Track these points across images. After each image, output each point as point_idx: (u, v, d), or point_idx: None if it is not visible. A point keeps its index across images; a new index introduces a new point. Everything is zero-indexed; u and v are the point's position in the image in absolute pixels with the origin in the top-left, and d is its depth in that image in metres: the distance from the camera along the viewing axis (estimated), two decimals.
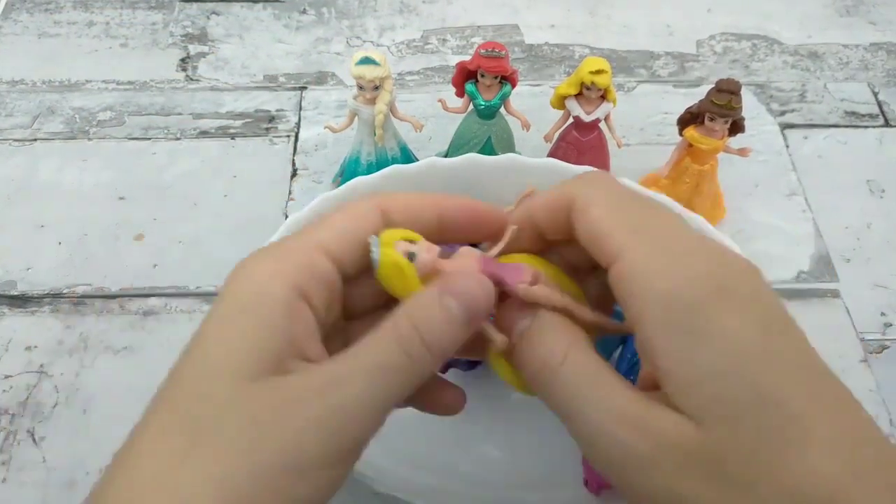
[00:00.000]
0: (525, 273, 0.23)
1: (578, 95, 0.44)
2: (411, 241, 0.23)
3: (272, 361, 0.19)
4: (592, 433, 0.20)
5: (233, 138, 0.53)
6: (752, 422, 0.19)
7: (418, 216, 0.23)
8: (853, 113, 0.55)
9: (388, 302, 0.23)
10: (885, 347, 0.43)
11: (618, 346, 0.39)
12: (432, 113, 0.48)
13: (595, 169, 0.25)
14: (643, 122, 0.54)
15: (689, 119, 0.44)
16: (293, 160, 0.52)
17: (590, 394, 0.20)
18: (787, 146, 0.53)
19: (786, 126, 0.54)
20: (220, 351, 0.19)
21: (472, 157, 0.42)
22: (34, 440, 0.39)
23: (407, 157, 0.48)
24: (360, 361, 0.20)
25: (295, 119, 0.54)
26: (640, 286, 0.20)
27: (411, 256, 0.22)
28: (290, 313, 0.20)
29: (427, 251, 0.22)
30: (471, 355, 0.24)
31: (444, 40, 0.60)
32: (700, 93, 0.46)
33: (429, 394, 0.24)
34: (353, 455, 0.20)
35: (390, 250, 0.22)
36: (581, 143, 0.46)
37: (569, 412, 0.21)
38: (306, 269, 0.20)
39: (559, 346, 0.21)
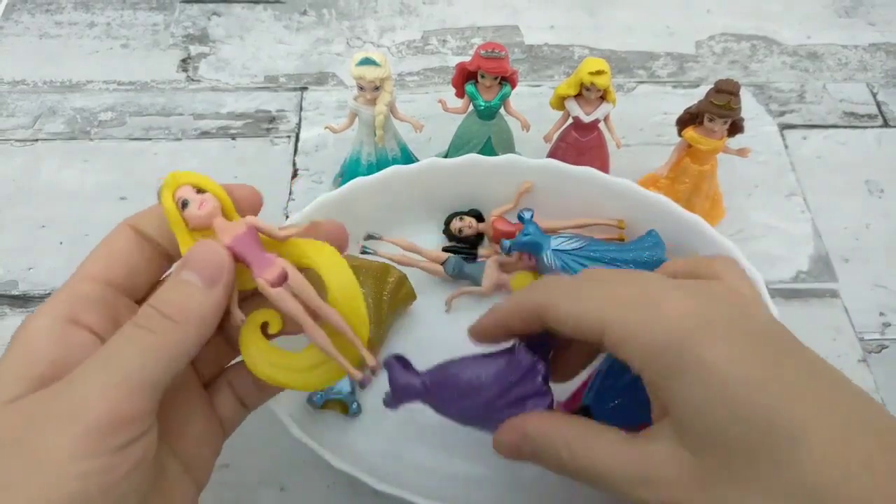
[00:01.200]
0: (271, 268, 0.23)
1: (578, 96, 0.44)
2: (199, 190, 0.23)
3: (32, 382, 0.21)
4: (604, 485, 0.25)
5: (233, 139, 0.53)
6: (742, 448, 0.21)
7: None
8: (852, 113, 0.56)
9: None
10: (883, 347, 0.44)
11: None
12: (432, 113, 0.48)
13: (542, 278, 0.29)
14: (642, 122, 0.54)
15: (689, 119, 0.44)
16: (294, 160, 0.52)
17: (593, 460, 0.25)
18: (787, 146, 0.53)
19: (785, 126, 0.55)
20: None
21: (472, 157, 0.43)
22: None
23: (407, 157, 0.48)
24: (99, 352, 0.21)
25: (295, 119, 0.54)
26: (629, 346, 0.24)
27: (184, 204, 0.23)
28: (54, 339, 0.21)
29: (201, 206, 0.23)
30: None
31: (444, 41, 0.60)
32: (699, 93, 0.46)
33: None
34: (121, 436, 0.20)
35: (167, 193, 0.23)
36: (580, 143, 0.46)
37: (586, 480, 0.25)
38: (75, 298, 0.22)
39: (560, 447, 0.26)
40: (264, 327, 0.25)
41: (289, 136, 0.53)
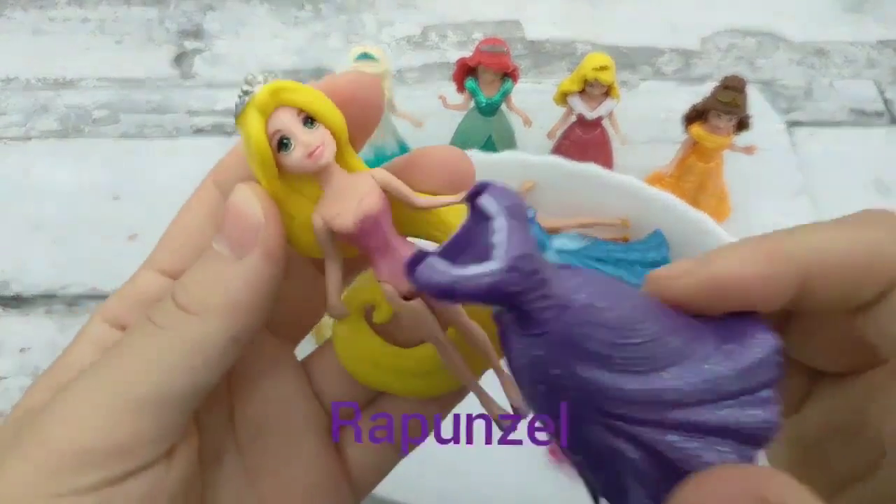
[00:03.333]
0: (397, 270, 0.15)
1: (581, 92, 0.43)
2: (308, 118, 0.15)
3: (52, 392, 0.17)
4: None
5: (229, 136, 0.52)
6: None
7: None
8: (860, 111, 0.55)
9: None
10: None
11: None
12: (432, 110, 0.47)
13: (887, 212, 0.16)
14: (647, 119, 0.53)
15: (695, 116, 0.43)
16: None
17: None
18: (793, 144, 0.52)
19: (792, 124, 0.54)
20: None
21: (473, 154, 0.42)
22: None
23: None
24: (98, 359, 0.16)
25: None
26: None
27: (283, 144, 0.15)
28: (96, 345, 0.18)
29: (312, 155, 0.15)
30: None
31: (444, 36, 0.59)
32: (705, 90, 0.45)
33: None
34: (99, 470, 0.15)
35: (257, 119, 0.15)
36: (584, 140, 0.45)
37: None
38: (133, 297, 0.18)
39: None
40: (368, 312, 0.18)
41: None
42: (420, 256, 0.13)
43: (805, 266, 0.15)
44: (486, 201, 0.13)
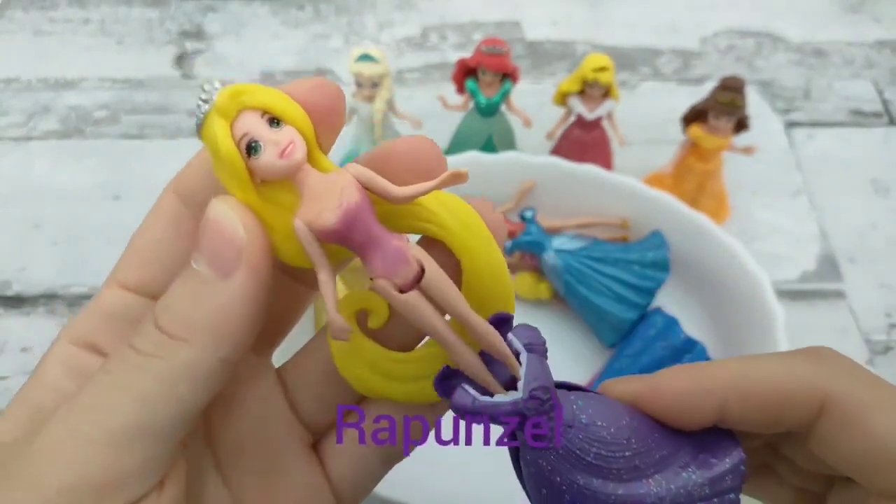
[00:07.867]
0: (401, 264, 0.15)
1: (581, 93, 0.44)
2: (273, 119, 0.15)
3: (33, 420, 0.16)
4: None
5: None
6: None
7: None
8: (858, 111, 0.55)
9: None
10: (890, 348, 0.43)
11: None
12: (432, 110, 0.47)
13: (827, 348, 0.19)
14: (647, 119, 0.53)
15: (693, 117, 0.43)
16: None
17: None
18: (792, 145, 0.53)
19: (791, 124, 0.54)
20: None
21: (473, 155, 0.42)
22: None
23: None
24: (82, 389, 0.15)
25: None
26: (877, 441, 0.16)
27: (253, 147, 0.15)
28: (66, 367, 0.17)
29: (284, 153, 0.15)
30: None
31: (444, 37, 0.59)
32: (704, 90, 0.45)
33: None
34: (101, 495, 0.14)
35: (222, 125, 0.15)
36: (583, 140, 0.45)
37: None
38: (99, 315, 0.17)
39: None
40: (362, 318, 0.17)
41: None
42: (448, 373, 0.16)
43: (724, 389, 0.17)
44: (513, 340, 0.16)
